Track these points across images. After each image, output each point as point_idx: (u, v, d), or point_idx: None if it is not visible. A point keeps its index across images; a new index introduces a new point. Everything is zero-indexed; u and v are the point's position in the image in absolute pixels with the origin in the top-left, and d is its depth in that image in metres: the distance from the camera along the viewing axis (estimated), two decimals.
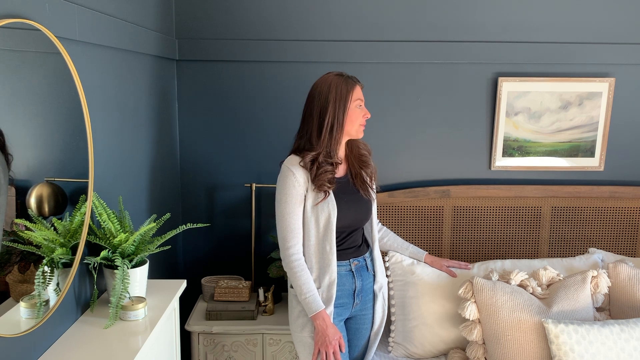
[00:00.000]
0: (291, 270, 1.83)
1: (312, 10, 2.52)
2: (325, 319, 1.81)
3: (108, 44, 1.76)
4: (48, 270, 1.36)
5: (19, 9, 1.24)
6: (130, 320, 1.58)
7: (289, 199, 1.81)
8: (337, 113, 1.81)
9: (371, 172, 2.00)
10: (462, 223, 2.66)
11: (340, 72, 1.88)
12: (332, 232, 1.84)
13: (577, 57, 2.55)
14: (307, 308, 1.82)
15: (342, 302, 1.91)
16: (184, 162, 2.64)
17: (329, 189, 1.83)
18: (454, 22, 2.54)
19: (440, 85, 2.59)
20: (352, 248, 1.94)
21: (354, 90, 1.84)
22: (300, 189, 1.81)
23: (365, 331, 2.02)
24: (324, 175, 1.81)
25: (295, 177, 1.81)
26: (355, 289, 1.93)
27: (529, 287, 2.09)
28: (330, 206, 1.83)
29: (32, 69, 1.33)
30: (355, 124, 1.86)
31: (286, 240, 1.83)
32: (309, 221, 1.84)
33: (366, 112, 1.88)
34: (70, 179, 1.48)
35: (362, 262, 1.96)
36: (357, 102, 1.85)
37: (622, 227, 2.68)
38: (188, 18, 2.52)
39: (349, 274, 1.92)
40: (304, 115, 1.87)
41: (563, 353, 1.85)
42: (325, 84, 1.84)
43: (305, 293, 1.81)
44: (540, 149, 2.63)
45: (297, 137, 1.89)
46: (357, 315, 1.99)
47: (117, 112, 1.89)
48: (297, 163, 1.83)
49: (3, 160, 1.26)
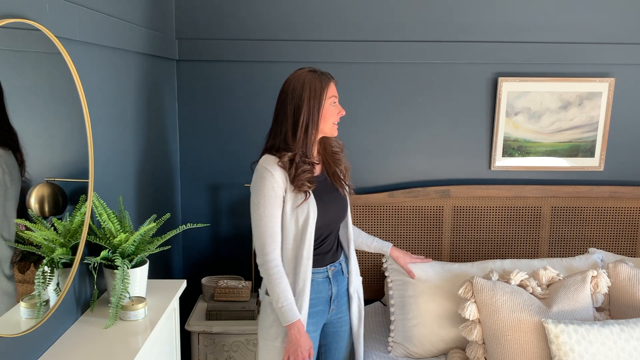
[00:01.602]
0: (270, 277, 1.73)
1: (312, 10, 2.52)
2: (300, 329, 1.73)
3: (108, 44, 1.76)
4: (48, 270, 1.36)
5: (19, 9, 1.24)
6: (130, 320, 1.58)
7: (268, 201, 1.72)
8: (312, 111, 1.74)
9: (344, 168, 1.93)
10: (462, 223, 2.66)
11: (313, 68, 1.79)
12: (310, 235, 1.76)
13: (577, 57, 2.55)
14: (282, 317, 1.73)
15: (319, 309, 1.85)
16: (184, 162, 2.64)
17: (309, 189, 1.75)
18: (454, 22, 2.54)
19: (440, 85, 2.59)
20: (329, 252, 1.87)
21: (329, 87, 1.77)
22: (279, 191, 1.73)
23: (344, 333, 1.96)
24: (303, 175, 1.74)
25: (273, 177, 1.72)
26: (331, 295, 1.88)
27: (528, 287, 2.09)
28: (311, 207, 1.76)
29: (32, 69, 1.33)
30: (329, 122, 1.79)
31: (265, 245, 1.73)
32: (288, 224, 1.76)
33: (341, 110, 1.81)
34: (70, 179, 1.48)
35: (338, 266, 1.90)
36: (332, 100, 1.78)
37: (622, 227, 2.68)
38: (188, 18, 2.52)
39: (325, 281, 1.85)
40: (277, 113, 1.79)
41: (563, 353, 1.85)
42: (299, 81, 1.75)
43: (283, 301, 1.72)
44: (540, 149, 2.64)
45: (270, 137, 1.81)
46: (334, 320, 1.93)
47: (117, 112, 1.89)
48: (274, 163, 1.74)
49: (14, 161, 1.26)
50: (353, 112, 2.61)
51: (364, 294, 2.70)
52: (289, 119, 1.75)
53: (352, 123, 2.62)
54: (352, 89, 2.58)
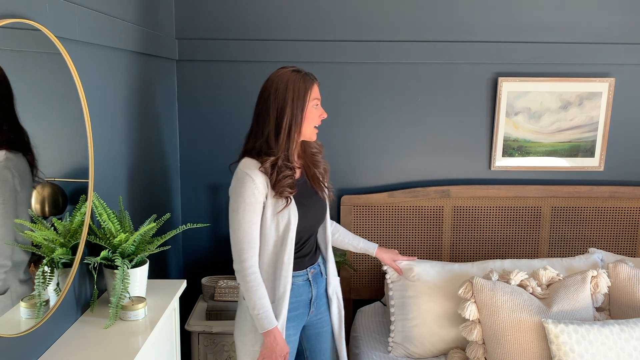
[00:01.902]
0: (247, 285, 1.69)
1: (312, 10, 2.52)
2: (277, 336, 1.70)
3: (108, 44, 1.76)
4: (48, 270, 1.36)
5: (19, 9, 1.24)
6: (130, 320, 1.58)
7: (248, 207, 1.67)
8: (295, 113, 1.69)
9: (324, 170, 1.88)
10: (462, 223, 2.66)
11: (296, 68, 1.73)
12: (291, 240, 1.72)
13: (577, 57, 2.55)
14: (259, 324, 1.69)
15: (299, 312, 1.83)
16: (184, 162, 2.64)
17: (290, 194, 1.71)
18: (454, 22, 2.54)
19: (440, 85, 2.59)
20: (308, 255, 1.84)
21: (313, 89, 1.72)
22: (260, 197, 1.68)
23: (326, 334, 1.94)
24: (284, 181, 1.69)
25: (254, 183, 1.67)
26: (312, 298, 1.85)
27: (528, 287, 2.09)
28: (292, 212, 1.72)
29: (32, 69, 1.33)
30: (311, 125, 1.75)
31: (243, 252, 1.69)
32: (269, 229, 1.71)
33: (322, 112, 1.77)
34: (70, 179, 1.48)
35: (317, 268, 1.88)
36: (315, 102, 1.74)
37: (622, 227, 2.68)
38: (188, 18, 2.52)
39: (306, 284, 1.83)
40: (258, 113, 1.72)
41: (563, 353, 1.85)
42: (282, 81, 1.69)
43: (259, 309, 1.68)
44: (540, 149, 2.64)
45: (251, 138, 1.75)
46: (313, 322, 1.91)
47: (117, 112, 1.89)
48: (255, 168, 1.68)
49: (24, 163, 1.25)
50: (353, 112, 2.61)
51: (364, 294, 2.71)
52: (272, 120, 1.69)
53: (352, 123, 2.62)
54: (352, 89, 2.58)
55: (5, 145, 1.22)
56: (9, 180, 1.21)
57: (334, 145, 2.63)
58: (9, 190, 1.21)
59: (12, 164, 1.22)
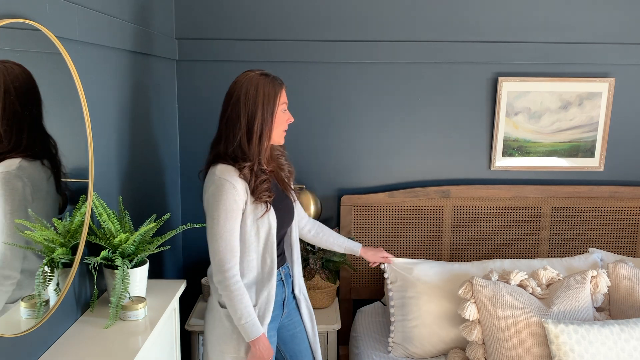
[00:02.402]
0: (231, 294, 1.66)
1: (312, 10, 2.52)
2: (265, 343, 1.70)
3: (108, 44, 1.76)
4: (48, 270, 1.36)
5: (19, 9, 1.24)
6: (130, 320, 1.58)
7: (230, 215, 1.64)
8: (266, 117, 1.67)
9: (289, 172, 1.88)
10: (462, 223, 2.66)
11: (264, 72, 1.72)
12: (273, 244, 1.73)
13: (577, 57, 2.55)
14: (246, 333, 1.68)
15: (275, 313, 1.83)
16: (184, 162, 2.64)
17: (269, 199, 1.70)
18: (454, 22, 2.54)
19: (440, 85, 2.59)
20: (280, 256, 1.84)
21: (281, 93, 1.71)
22: (240, 204, 1.66)
23: (301, 334, 1.94)
24: (262, 186, 1.68)
25: (236, 189, 1.64)
26: (284, 298, 1.86)
27: (528, 287, 2.09)
28: (271, 217, 1.72)
29: (32, 69, 1.33)
30: (280, 129, 1.74)
31: (225, 261, 1.66)
32: (249, 236, 1.70)
33: (290, 117, 1.76)
34: (70, 179, 1.48)
35: (286, 269, 1.89)
36: (284, 105, 1.73)
37: (622, 227, 2.68)
38: (188, 18, 2.52)
39: (280, 284, 1.84)
40: (228, 118, 1.70)
41: (563, 353, 1.85)
42: (252, 85, 1.67)
43: (245, 318, 1.67)
44: (540, 149, 2.64)
45: (221, 143, 1.72)
46: (286, 323, 1.91)
47: (117, 112, 1.89)
48: (235, 174, 1.66)
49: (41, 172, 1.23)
50: (352, 112, 2.61)
51: (364, 294, 2.71)
52: (243, 125, 1.67)
53: (352, 123, 2.62)
54: (351, 89, 2.58)
55: (22, 153, 1.20)
56: (18, 189, 1.19)
57: (333, 145, 2.63)
58: (18, 200, 1.20)
59: (25, 173, 1.20)
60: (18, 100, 1.20)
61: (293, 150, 2.00)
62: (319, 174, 2.65)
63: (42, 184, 1.25)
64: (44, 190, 1.27)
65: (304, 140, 2.61)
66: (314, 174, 2.64)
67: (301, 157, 2.59)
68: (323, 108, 2.60)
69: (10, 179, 1.18)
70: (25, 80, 1.21)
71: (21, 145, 1.20)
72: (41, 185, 1.25)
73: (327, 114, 2.61)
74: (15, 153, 1.19)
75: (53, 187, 1.31)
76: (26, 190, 1.22)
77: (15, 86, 1.18)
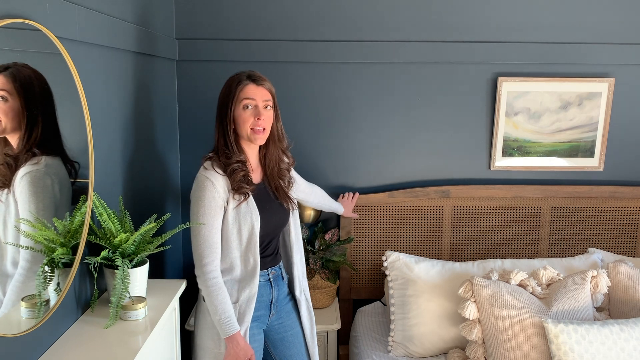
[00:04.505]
0: (208, 289, 1.72)
1: (312, 10, 2.52)
2: (240, 342, 1.71)
3: (108, 44, 1.76)
4: (48, 270, 1.36)
5: (19, 9, 1.24)
6: (130, 320, 1.58)
7: (208, 211, 1.69)
8: (228, 112, 1.75)
9: (288, 182, 1.91)
10: (462, 223, 2.66)
11: (246, 71, 1.78)
12: (255, 243, 1.75)
13: (577, 57, 2.56)
14: (221, 329, 1.71)
15: (260, 313, 1.84)
16: (184, 162, 2.64)
17: (247, 189, 1.73)
18: (454, 22, 2.54)
19: (440, 85, 2.59)
20: (269, 257, 1.86)
21: (243, 89, 1.73)
22: (220, 201, 1.71)
23: (292, 337, 1.95)
24: (236, 175, 1.72)
25: (214, 187, 1.70)
26: (272, 300, 1.87)
27: (528, 286, 2.10)
28: (254, 216, 1.75)
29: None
30: (245, 127, 1.74)
31: (203, 256, 1.71)
32: (231, 233, 1.74)
33: (256, 117, 1.73)
34: (70, 179, 1.48)
35: (278, 271, 1.90)
36: (244, 102, 1.73)
37: (622, 227, 2.68)
38: (188, 18, 2.52)
39: (267, 284, 1.85)
40: (215, 116, 1.82)
41: (563, 353, 1.85)
42: (226, 84, 1.79)
43: (221, 314, 1.70)
44: (540, 149, 2.64)
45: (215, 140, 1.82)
46: (275, 326, 1.92)
47: (117, 112, 1.89)
48: (215, 173, 1.73)
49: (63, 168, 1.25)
50: (353, 112, 2.61)
51: (364, 293, 2.71)
52: (217, 122, 1.79)
53: (352, 123, 2.62)
54: (351, 89, 2.58)
55: (45, 151, 1.23)
56: (48, 186, 1.22)
57: (333, 145, 2.63)
58: (49, 197, 1.22)
59: (52, 170, 1.22)
60: (35, 100, 1.24)
61: (293, 150, 2.00)
62: (319, 174, 2.65)
63: (66, 180, 1.27)
64: (67, 186, 1.29)
65: (303, 140, 2.61)
66: (314, 174, 2.64)
67: (301, 157, 2.59)
68: (323, 108, 2.60)
69: (40, 177, 1.19)
70: (40, 80, 1.24)
71: (42, 143, 1.22)
72: (65, 182, 1.27)
73: (327, 114, 2.61)
74: (40, 151, 1.21)
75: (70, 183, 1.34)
76: (55, 187, 1.24)
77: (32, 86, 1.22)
